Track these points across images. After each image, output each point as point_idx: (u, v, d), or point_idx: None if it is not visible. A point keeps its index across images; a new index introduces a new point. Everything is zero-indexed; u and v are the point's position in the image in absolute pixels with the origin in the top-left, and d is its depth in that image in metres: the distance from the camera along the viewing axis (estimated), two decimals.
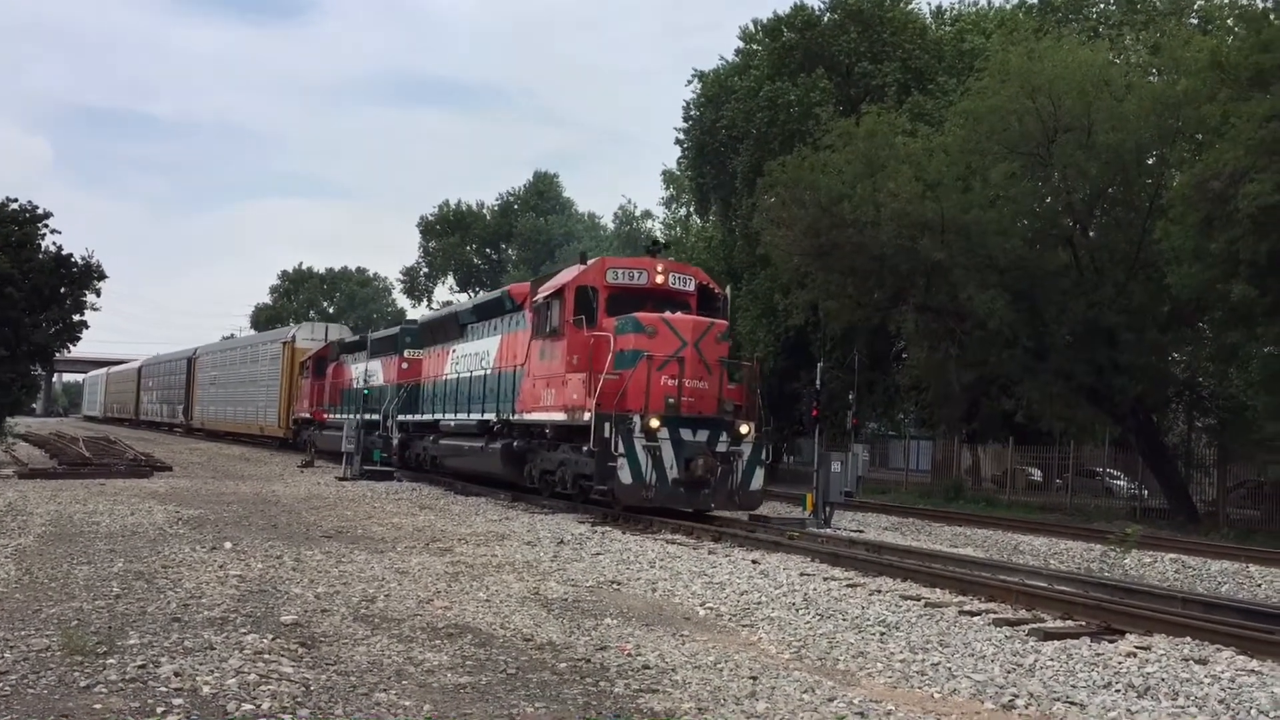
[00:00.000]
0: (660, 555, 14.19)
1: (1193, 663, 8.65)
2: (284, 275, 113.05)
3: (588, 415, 18.21)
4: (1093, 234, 28.93)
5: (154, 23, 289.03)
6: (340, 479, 27.51)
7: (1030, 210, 28.99)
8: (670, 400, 18.11)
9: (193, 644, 7.83)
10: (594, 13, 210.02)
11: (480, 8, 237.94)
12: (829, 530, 19.20)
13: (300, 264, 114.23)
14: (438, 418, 27.13)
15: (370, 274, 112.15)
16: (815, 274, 29.77)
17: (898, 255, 27.44)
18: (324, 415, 38.30)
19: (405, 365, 30.68)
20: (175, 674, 6.93)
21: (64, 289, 35.04)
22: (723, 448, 18.24)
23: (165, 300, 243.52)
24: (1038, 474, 36.16)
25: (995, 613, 10.73)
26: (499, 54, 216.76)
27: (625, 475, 17.64)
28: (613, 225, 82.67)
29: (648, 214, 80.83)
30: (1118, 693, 7.76)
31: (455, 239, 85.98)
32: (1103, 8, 41.26)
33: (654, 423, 17.71)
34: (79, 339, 36.56)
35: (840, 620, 10.09)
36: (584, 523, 18.19)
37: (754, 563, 13.77)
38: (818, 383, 22.38)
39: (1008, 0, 43.59)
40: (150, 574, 11.09)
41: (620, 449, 17.65)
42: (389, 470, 29.01)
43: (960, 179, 28.10)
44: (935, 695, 7.60)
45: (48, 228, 35.50)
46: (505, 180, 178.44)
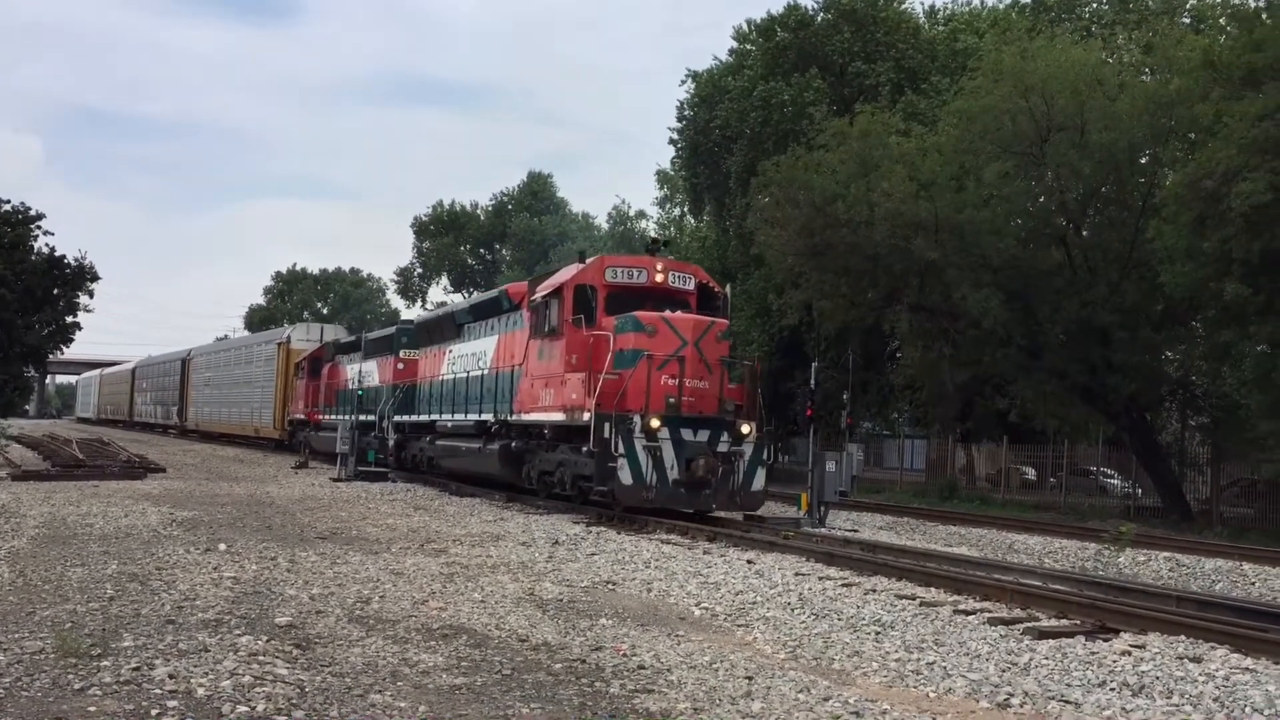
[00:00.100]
0: (655, 555, 14.19)
1: (1187, 661, 8.67)
2: (278, 276, 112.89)
3: (587, 415, 18.01)
4: (1086, 233, 29.00)
5: (149, 23, 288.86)
6: (335, 480, 27.48)
7: (1024, 210, 29.08)
8: (671, 400, 17.92)
9: (187, 646, 7.82)
10: (594, 12, 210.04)
11: (479, 7, 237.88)
12: (824, 530, 19.19)
13: (294, 265, 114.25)
14: (434, 418, 26.99)
15: (364, 275, 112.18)
16: (809, 274, 29.81)
17: (892, 255, 27.48)
18: (318, 416, 38.18)
19: (401, 366, 30.57)
20: (170, 676, 6.92)
21: (57, 290, 34.98)
22: (724, 448, 18.07)
23: (159, 301, 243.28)
24: (1032, 473, 36.22)
25: (990, 612, 10.74)
26: (498, 54, 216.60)
27: (626, 476, 17.47)
28: (607, 225, 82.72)
29: (642, 214, 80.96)
30: (1112, 691, 7.77)
31: (449, 239, 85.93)
32: (1095, 7, 41.37)
33: (654, 423, 17.52)
34: (72, 340, 36.50)
35: (835, 620, 10.10)
36: (579, 523, 18.14)
37: (749, 562, 13.77)
38: (812, 382, 22.38)
39: (1001, 0, 43.72)
40: (144, 576, 11.07)
41: (620, 449, 17.46)
42: (383, 471, 28.97)
43: (954, 178, 28.17)
44: (930, 694, 7.61)
45: (40, 229, 35.45)
46: (505, 180, 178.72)
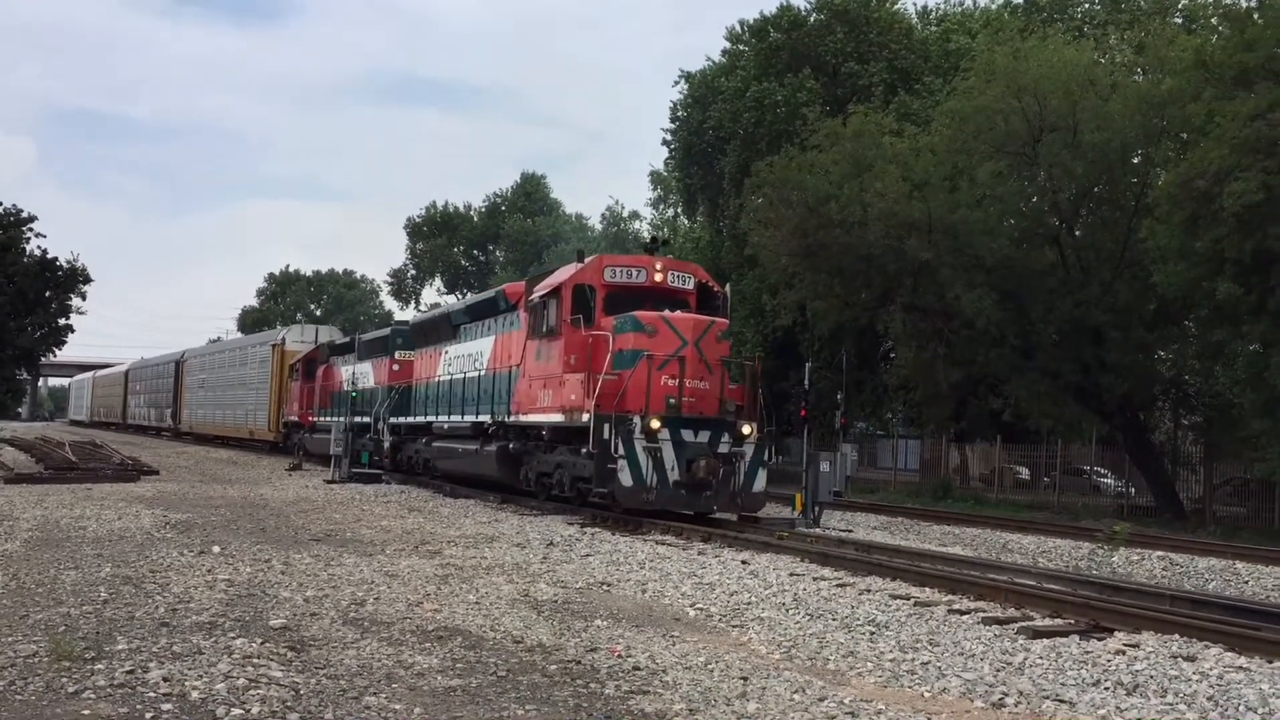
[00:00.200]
0: (650, 556, 14.18)
1: (1181, 660, 8.69)
2: (271, 278, 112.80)
3: (586, 416, 17.79)
4: (1079, 233, 29.07)
5: (143, 24, 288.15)
6: (328, 482, 27.43)
7: (1017, 210, 29.13)
8: (671, 400, 17.74)
9: (181, 649, 7.79)
10: (584, 13, 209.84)
11: (471, 8, 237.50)
12: (818, 530, 19.18)
13: (287, 266, 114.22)
14: (430, 420, 26.80)
15: (358, 276, 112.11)
16: (803, 274, 29.82)
17: (885, 255, 27.51)
18: (313, 418, 38.10)
19: (396, 367, 30.48)
20: (164, 679, 6.90)
21: (49, 293, 34.97)
22: (724, 449, 17.86)
23: (151, 304, 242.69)
24: (1025, 472, 36.29)
25: (984, 611, 10.75)
26: (490, 55, 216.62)
27: (626, 477, 17.27)
28: (600, 226, 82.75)
29: (635, 215, 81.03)
30: (1107, 690, 7.79)
31: (442, 240, 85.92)
32: (1087, 7, 41.48)
33: (654, 423, 17.30)
34: (64, 343, 36.52)
35: (830, 620, 10.11)
36: (573, 524, 18.10)
37: (744, 563, 13.78)
38: (806, 383, 22.40)
39: (993, 0, 43.83)
40: (138, 579, 11.03)
41: (620, 450, 17.24)
42: (377, 473, 28.94)
43: (947, 179, 28.22)
44: (925, 694, 7.61)
45: (33, 231, 35.47)
46: (498, 182, 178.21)
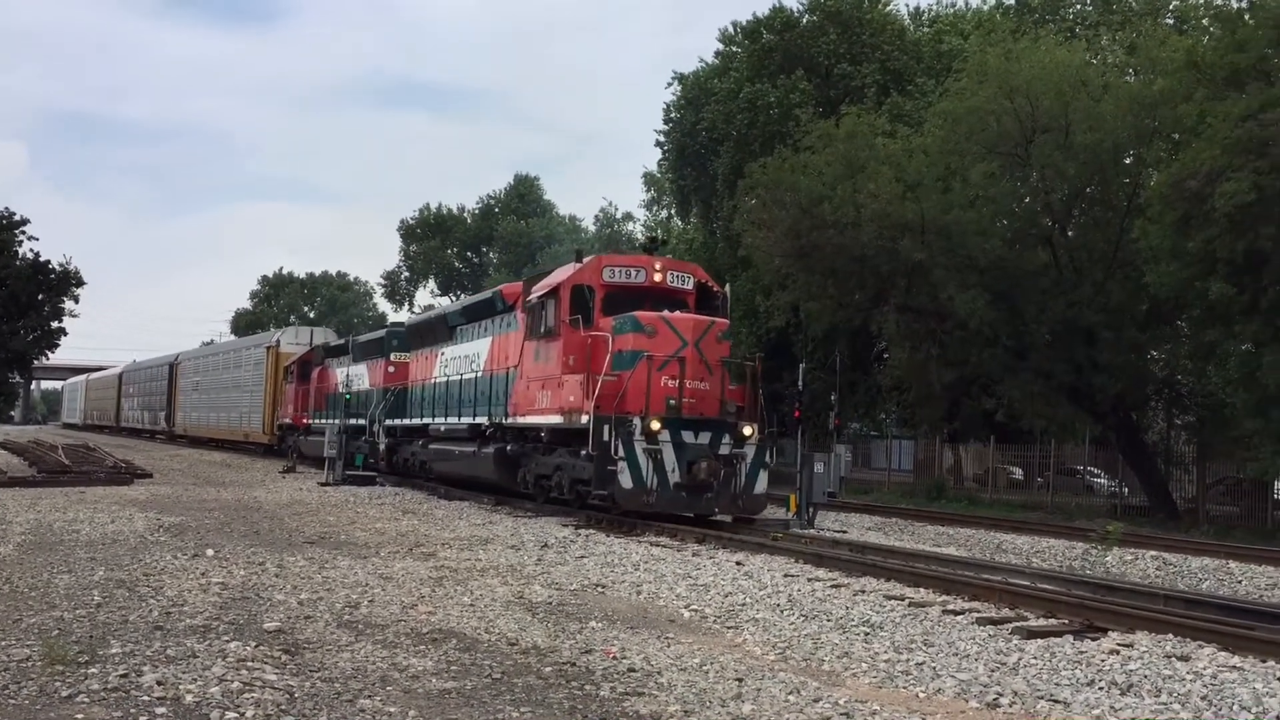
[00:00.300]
0: (644, 558, 14.18)
1: (1175, 660, 8.71)
2: (264, 280, 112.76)
3: (586, 418, 17.63)
4: (1071, 233, 29.14)
5: (136, 26, 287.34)
6: (322, 484, 27.38)
7: (1009, 210, 29.19)
8: (671, 402, 17.58)
9: (175, 652, 7.78)
10: (576, 15, 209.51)
11: (471, 11, 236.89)
12: (812, 531, 19.15)
13: (281, 269, 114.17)
14: (426, 422, 26.66)
15: (351, 278, 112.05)
16: (796, 275, 29.85)
17: (878, 256, 27.54)
18: (307, 420, 38.02)
19: (392, 369, 30.39)
20: (158, 683, 6.88)
21: (42, 296, 34.90)
22: (725, 450, 17.68)
23: (144, 306, 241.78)
24: (1019, 473, 36.33)
25: (979, 612, 10.77)
26: (484, 58, 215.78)
27: (626, 480, 17.10)
28: (594, 228, 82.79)
29: (629, 216, 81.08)
30: (1101, 690, 7.80)
31: (436, 242, 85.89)
32: (1079, 8, 41.59)
33: (655, 425, 17.12)
34: (57, 346, 36.43)
35: (825, 621, 10.12)
36: (567, 526, 18.07)
37: (738, 564, 13.78)
38: (800, 384, 22.39)
39: (985, 1, 43.94)
40: (131, 582, 11.01)
41: (620, 452, 17.05)
42: (371, 475, 28.89)
43: (940, 179, 28.26)
44: (920, 695, 7.62)
45: (25, 234, 35.40)
46: (492, 184, 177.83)
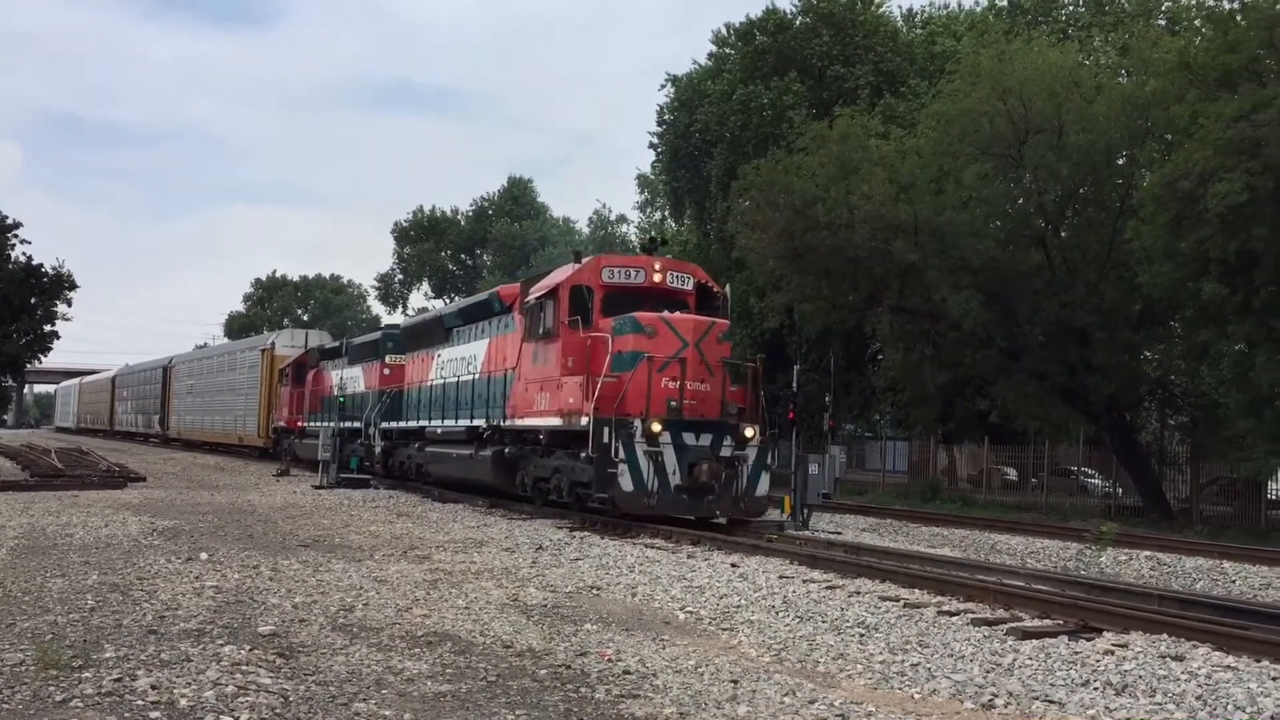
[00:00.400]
0: (639, 560, 14.17)
1: (1169, 660, 8.72)
2: (258, 283, 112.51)
3: (586, 419, 17.45)
4: (1064, 234, 29.19)
5: (129, 29, 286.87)
6: (317, 488, 27.33)
7: (1002, 211, 29.24)
8: (672, 403, 17.40)
9: (169, 656, 7.76)
10: (582, 19, 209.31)
11: (465, 14, 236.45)
12: (807, 532, 19.16)
13: (274, 271, 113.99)
14: (423, 425, 26.46)
15: (345, 281, 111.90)
16: (790, 277, 29.85)
17: (872, 257, 27.56)
18: (302, 423, 37.91)
19: (387, 371, 30.25)
20: (152, 687, 6.86)
21: (34, 299, 34.81)
22: (727, 452, 17.50)
23: (137, 309, 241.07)
24: (1013, 473, 36.41)
25: (973, 613, 10.77)
26: (477, 59, 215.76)
27: (627, 482, 16.90)
28: (588, 230, 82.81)
29: (623, 218, 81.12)
30: (1096, 691, 7.81)
31: (429, 245, 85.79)
32: (1072, 10, 41.71)
33: (655, 427, 16.94)
34: (50, 349, 36.34)
35: (820, 622, 10.12)
36: (562, 528, 18.03)
37: (733, 566, 13.78)
38: (794, 385, 22.40)
39: (978, 3, 44.04)
40: (125, 586, 10.98)
41: (621, 454, 16.87)
42: (365, 478, 28.85)
43: (933, 181, 28.30)
44: (915, 696, 7.62)
45: (18, 238, 35.31)
46: (485, 186, 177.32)
